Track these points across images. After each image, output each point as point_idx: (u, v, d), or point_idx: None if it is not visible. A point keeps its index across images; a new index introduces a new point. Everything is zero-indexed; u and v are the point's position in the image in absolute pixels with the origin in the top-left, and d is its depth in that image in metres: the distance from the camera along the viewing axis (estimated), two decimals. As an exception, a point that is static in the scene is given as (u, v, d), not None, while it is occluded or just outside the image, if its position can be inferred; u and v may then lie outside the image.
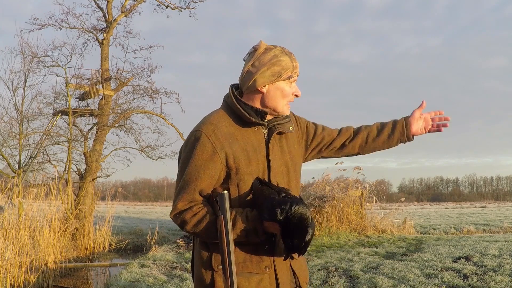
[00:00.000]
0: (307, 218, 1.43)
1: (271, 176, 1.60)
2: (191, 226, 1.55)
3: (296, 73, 1.62)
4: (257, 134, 1.62)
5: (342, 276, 5.95)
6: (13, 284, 6.57)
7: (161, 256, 8.17)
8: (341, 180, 12.70)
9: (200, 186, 1.55)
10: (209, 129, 1.57)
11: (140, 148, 14.23)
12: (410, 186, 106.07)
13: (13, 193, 9.35)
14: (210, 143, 1.54)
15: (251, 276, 1.56)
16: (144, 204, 54.29)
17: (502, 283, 4.99)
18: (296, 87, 1.64)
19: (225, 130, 1.58)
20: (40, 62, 13.10)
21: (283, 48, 1.61)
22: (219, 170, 1.56)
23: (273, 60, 1.57)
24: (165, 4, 14.70)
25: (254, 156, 1.58)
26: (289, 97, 1.63)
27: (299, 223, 1.42)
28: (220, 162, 1.55)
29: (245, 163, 1.56)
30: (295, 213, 1.42)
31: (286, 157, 1.68)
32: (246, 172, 1.56)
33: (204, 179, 1.55)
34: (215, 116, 1.62)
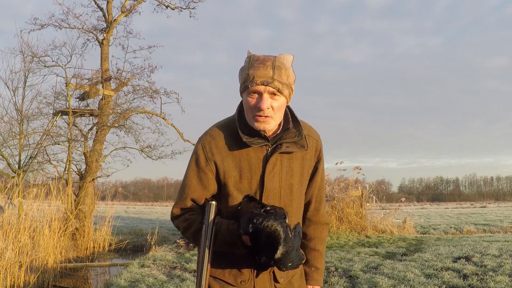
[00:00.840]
0: (278, 235, 1.33)
1: (263, 197, 1.54)
2: (182, 231, 1.61)
3: (254, 83, 1.44)
4: (257, 152, 1.55)
5: (342, 276, 5.95)
6: (13, 284, 6.57)
7: (161, 256, 8.17)
8: (341, 180, 12.71)
9: (192, 195, 1.59)
10: (206, 141, 1.58)
11: (140, 148, 14.23)
12: (410, 186, 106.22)
13: (13, 193, 9.35)
14: (203, 155, 1.57)
15: (226, 286, 1.56)
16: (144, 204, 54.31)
17: (502, 283, 4.99)
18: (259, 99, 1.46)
19: (221, 144, 1.56)
20: (40, 62, 13.09)
21: (252, 55, 1.50)
22: (212, 181, 1.58)
23: (240, 70, 1.52)
24: (165, 4, 14.70)
25: (247, 174, 1.54)
26: (255, 109, 1.47)
27: (268, 239, 1.33)
28: (212, 173, 1.57)
29: (234, 180, 1.54)
30: (266, 228, 1.33)
31: (292, 179, 1.58)
32: (235, 188, 1.54)
33: (196, 188, 1.58)
34: (217, 128, 1.60)
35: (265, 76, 1.44)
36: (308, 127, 1.67)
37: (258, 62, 1.46)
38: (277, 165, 1.55)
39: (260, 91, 1.45)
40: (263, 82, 1.44)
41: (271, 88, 1.45)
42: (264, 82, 1.44)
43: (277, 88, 1.46)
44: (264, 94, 1.46)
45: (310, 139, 1.63)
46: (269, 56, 1.50)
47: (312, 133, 1.66)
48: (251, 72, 1.45)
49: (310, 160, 1.63)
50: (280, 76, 1.46)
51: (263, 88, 1.45)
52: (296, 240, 1.41)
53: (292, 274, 1.63)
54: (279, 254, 1.35)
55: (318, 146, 1.66)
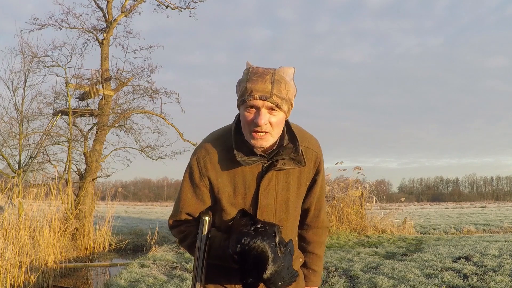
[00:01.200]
0: (266, 256, 1.30)
1: (257, 214, 1.51)
2: (178, 242, 1.67)
3: (252, 97, 1.38)
4: (253, 168, 1.50)
5: (342, 276, 5.95)
6: (13, 284, 6.57)
7: (161, 256, 8.17)
8: (341, 180, 12.71)
9: (186, 210, 1.59)
10: (201, 155, 1.54)
11: (140, 148, 14.23)
12: (410, 186, 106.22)
13: (13, 193, 9.35)
14: (198, 170, 1.54)
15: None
16: (144, 204, 54.31)
17: (502, 283, 4.99)
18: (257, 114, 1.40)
19: (216, 159, 1.52)
20: (40, 62, 13.09)
21: (251, 67, 1.44)
22: (207, 196, 1.57)
23: (238, 83, 1.46)
24: (165, 4, 14.70)
25: (241, 190, 1.51)
26: (252, 125, 1.41)
27: (255, 260, 1.31)
28: (206, 188, 1.55)
29: (228, 195, 1.53)
30: (253, 249, 1.31)
31: (289, 194, 1.55)
32: (229, 204, 1.53)
33: (191, 203, 1.58)
34: (214, 140, 1.56)
35: (263, 90, 1.38)
36: (308, 137, 1.61)
37: (256, 75, 1.40)
38: (272, 181, 1.51)
39: (258, 106, 1.39)
40: (261, 96, 1.38)
41: (269, 103, 1.39)
42: (262, 97, 1.38)
43: (275, 103, 1.39)
44: (262, 109, 1.39)
45: (309, 152, 1.58)
46: (269, 69, 1.43)
47: (312, 145, 1.60)
48: (249, 85, 1.39)
49: (308, 173, 1.59)
50: (279, 90, 1.40)
51: (261, 103, 1.39)
52: (286, 258, 1.38)
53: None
54: (268, 274, 1.32)
55: (317, 158, 1.60)
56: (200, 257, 1.49)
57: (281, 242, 1.40)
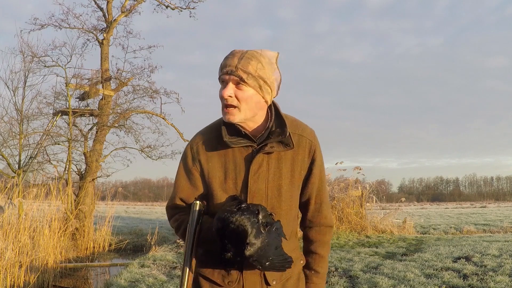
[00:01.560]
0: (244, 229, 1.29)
1: (248, 199, 1.51)
2: (175, 231, 1.64)
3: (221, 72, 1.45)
4: (243, 152, 1.52)
5: (342, 276, 5.94)
6: (13, 284, 6.57)
7: (161, 256, 8.17)
8: (341, 180, 12.71)
9: (180, 195, 1.62)
10: (194, 142, 1.60)
11: (140, 148, 14.23)
12: (410, 186, 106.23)
13: (13, 193, 9.35)
14: (190, 155, 1.59)
15: (215, 286, 1.55)
16: (144, 204, 54.29)
17: (502, 283, 4.99)
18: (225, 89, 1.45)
19: (208, 144, 1.56)
20: (40, 62, 13.10)
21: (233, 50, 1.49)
22: (199, 181, 1.59)
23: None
24: (165, 4, 14.70)
25: (232, 174, 1.52)
26: (221, 100, 1.47)
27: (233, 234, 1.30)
28: (198, 173, 1.58)
29: (219, 180, 1.53)
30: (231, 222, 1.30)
31: (281, 181, 1.54)
32: (220, 189, 1.53)
33: (184, 188, 1.60)
34: (207, 128, 1.62)
35: (230, 65, 1.43)
36: (303, 126, 1.61)
37: (230, 53, 1.47)
38: (262, 166, 1.51)
39: (226, 80, 1.45)
40: (228, 71, 1.43)
41: (234, 77, 1.43)
42: (228, 71, 1.43)
43: (239, 76, 1.43)
44: (229, 83, 1.45)
45: (303, 139, 1.57)
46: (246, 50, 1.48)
47: (306, 133, 1.59)
48: (222, 62, 1.46)
49: (302, 161, 1.57)
50: (246, 66, 1.42)
51: (228, 77, 1.44)
52: (272, 236, 1.35)
53: (287, 277, 1.57)
54: (251, 250, 1.30)
55: (312, 146, 1.58)
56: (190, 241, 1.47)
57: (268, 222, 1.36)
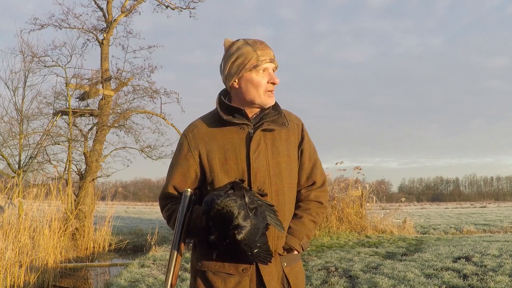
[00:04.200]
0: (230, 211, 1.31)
1: (251, 176, 1.55)
2: (166, 220, 1.65)
3: (264, 61, 1.56)
4: (240, 133, 1.59)
5: (342, 276, 5.95)
6: (13, 284, 6.57)
7: (161, 256, 8.17)
8: (341, 180, 12.70)
9: (173, 183, 1.64)
10: (189, 130, 1.64)
11: (140, 148, 14.24)
12: (410, 186, 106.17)
13: (13, 193, 9.35)
14: (186, 143, 1.61)
15: (228, 277, 1.53)
16: (144, 204, 54.24)
17: (502, 283, 4.99)
18: (271, 75, 1.59)
19: (204, 130, 1.61)
20: (40, 62, 13.10)
21: (246, 40, 1.60)
22: (193, 168, 1.60)
23: (235, 54, 1.57)
24: (165, 4, 14.70)
25: (232, 154, 1.56)
26: (264, 86, 1.58)
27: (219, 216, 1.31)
28: (194, 160, 1.60)
29: (220, 162, 1.56)
30: (217, 204, 1.32)
31: (280, 158, 1.60)
32: (220, 170, 1.56)
33: (177, 176, 1.62)
34: (200, 118, 1.68)
35: (269, 54, 1.58)
36: (289, 113, 1.73)
37: (259, 43, 1.59)
38: (261, 144, 1.58)
39: (268, 67, 1.58)
40: (271, 60, 1.58)
41: (274, 65, 1.61)
42: (271, 60, 1.59)
43: (277, 65, 1.63)
44: (271, 71, 1.60)
45: (293, 124, 1.69)
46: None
47: (296, 119, 1.73)
48: (259, 52, 1.56)
49: (294, 142, 1.67)
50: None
51: (270, 65, 1.59)
52: (258, 219, 1.36)
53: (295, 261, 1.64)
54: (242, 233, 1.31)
55: (300, 127, 1.72)
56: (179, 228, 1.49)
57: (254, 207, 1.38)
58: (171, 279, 1.47)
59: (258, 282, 1.53)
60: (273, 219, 1.48)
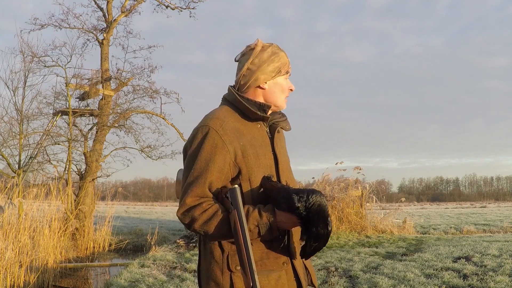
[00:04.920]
0: (326, 206, 1.43)
1: (279, 170, 1.64)
2: (201, 224, 1.46)
3: (291, 68, 1.71)
4: (260, 130, 1.65)
5: (342, 276, 5.95)
6: (13, 284, 6.57)
7: (161, 256, 8.17)
8: (341, 180, 12.70)
9: (209, 179, 1.49)
10: (216, 124, 1.53)
11: (140, 148, 14.24)
12: (410, 186, 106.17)
13: (13, 193, 9.35)
14: (218, 137, 1.50)
15: (270, 274, 1.52)
16: (144, 204, 54.25)
17: (502, 283, 4.99)
18: (290, 82, 1.73)
19: (232, 125, 1.56)
20: (40, 62, 13.10)
21: (278, 46, 1.69)
22: (228, 164, 1.51)
23: (272, 57, 1.64)
24: (165, 4, 14.71)
25: (261, 150, 1.59)
26: (287, 91, 1.71)
27: (320, 211, 1.41)
28: (229, 156, 1.51)
29: (254, 157, 1.56)
30: (314, 201, 1.41)
31: (286, 157, 1.75)
32: (255, 166, 1.55)
33: (214, 172, 1.49)
34: (220, 111, 1.59)
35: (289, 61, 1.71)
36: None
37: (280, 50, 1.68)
38: (278, 141, 1.71)
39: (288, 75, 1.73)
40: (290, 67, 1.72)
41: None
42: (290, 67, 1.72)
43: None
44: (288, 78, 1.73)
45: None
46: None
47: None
48: (287, 59, 1.68)
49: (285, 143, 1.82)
50: None
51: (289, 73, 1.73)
52: None
53: None
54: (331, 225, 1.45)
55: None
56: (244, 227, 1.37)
57: None
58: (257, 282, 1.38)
59: (295, 274, 1.60)
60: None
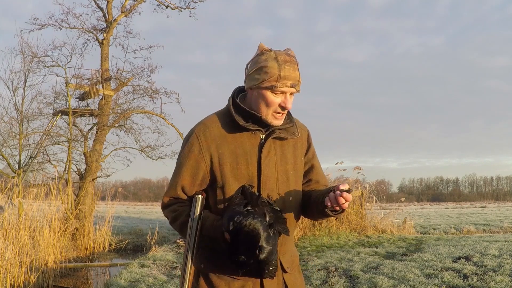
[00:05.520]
0: (258, 234, 1.32)
1: (261, 183, 1.54)
2: (170, 222, 1.61)
3: (284, 84, 1.48)
4: (252, 138, 1.57)
5: (342, 276, 5.95)
6: (13, 284, 6.57)
7: (161, 256, 8.17)
8: (341, 180, 12.69)
9: (181, 183, 1.58)
10: (200, 130, 1.58)
11: (140, 148, 14.24)
12: (410, 186, 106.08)
13: (13, 193, 9.35)
14: (198, 143, 1.56)
15: (232, 281, 1.54)
16: (144, 204, 54.22)
17: (502, 283, 4.99)
18: (285, 99, 1.51)
19: (216, 132, 1.56)
20: (40, 62, 13.10)
21: (278, 54, 1.49)
22: (203, 171, 1.56)
23: (260, 65, 1.50)
24: (165, 4, 14.71)
25: (243, 160, 1.54)
26: (275, 107, 1.51)
27: (247, 238, 1.32)
28: (204, 163, 1.56)
29: (231, 166, 1.54)
30: (245, 226, 1.32)
31: (287, 166, 1.61)
32: (231, 175, 1.53)
33: (186, 176, 1.57)
34: (211, 117, 1.62)
35: (294, 79, 1.50)
36: (296, 120, 1.72)
37: (287, 64, 1.49)
38: (271, 151, 1.57)
39: (286, 92, 1.51)
40: (292, 84, 1.50)
41: (295, 90, 1.53)
42: (293, 85, 1.50)
43: (299, 90, 1.55)
44: (289, 95, 1.52)
45: (300, 130, 1.69)
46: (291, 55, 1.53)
47: (300, 125, 1.71)
48: (283, 73, 1.47)
49: (301, 149, 1.68)
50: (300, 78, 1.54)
51: (290, 89, 1.51)
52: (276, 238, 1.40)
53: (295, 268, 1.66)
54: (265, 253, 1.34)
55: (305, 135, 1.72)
56: (192, 235, 1.48)
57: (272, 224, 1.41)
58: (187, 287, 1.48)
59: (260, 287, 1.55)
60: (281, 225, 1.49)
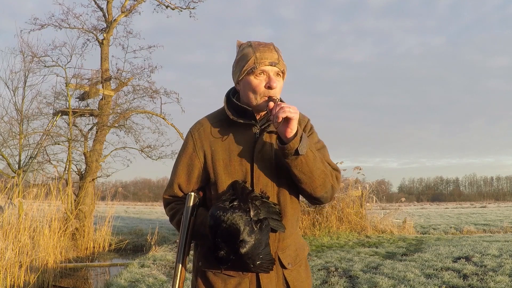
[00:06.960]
0: (237, 228, 1.31)
1: (254, 178, 1.53)
2: (169, 219, 1.67)
3: (262, 63, 1.48)
4: (246, 134, 1.57)
5: (342, 276, 5.94)
6: (13, 284, 6.56)
7: (161, 256, 8.17)
8: (341, 180, 12.70)
9: (177, 181, 1.63)
10: (195, 129, 1.63)
11: (140, 148, 14.23)
12: (410, 186, 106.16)
13: (13, 193, 9.34)
14: (192, 142, 1.60)
15: (229, 279, 1.53)
16: (144, 204, 54.21)
17: (502, 283, 4.99)
18: (270, 78, 1.50)
19: (210, 129, 1.60)
20: (40, 62, 13.09)
21: (251, 42, 1.55)
22: (198, 169, 1.60)
23: (239, 56, 1.56)
24: (165, 4, 14.70)
25: (236, 156, 1.54)
26: (261, 90, 1.51)
27: (226, 232, 1.31)
28: (198, 160, 1.59)
29: (224, 163, 1.55)
30: (223, 222, 1.31)
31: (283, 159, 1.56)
32: (224, 172, 1.54)
33: (181, 175, 1.62)
34: (207, 116, 1.66)
35: (272, 57, 1.51)
36: None
37: (262, 46, 1.53)
38: (266, 145, 1.56)
39: (267, 71, 1.51)
40: (271, 63, 1.50)
41: (277, 69, 1.52)
42: (272, 63, 1.50)
43: (282, 69, 1.54)
44: (272, 75, 1.51)
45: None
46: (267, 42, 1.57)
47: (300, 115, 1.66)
48: (258, 54, 1.50)
49: None
50: (282, 59, 1.55)
51: (270, 68, 1.51)
52: (262, 233, 1.37)
53: (299, 263, 1.62)
54: (246, 248, 1.32)
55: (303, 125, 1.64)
56: (184, 232, 1.50)
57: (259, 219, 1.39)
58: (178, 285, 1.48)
59: (258, 285, 1.53)
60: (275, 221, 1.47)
